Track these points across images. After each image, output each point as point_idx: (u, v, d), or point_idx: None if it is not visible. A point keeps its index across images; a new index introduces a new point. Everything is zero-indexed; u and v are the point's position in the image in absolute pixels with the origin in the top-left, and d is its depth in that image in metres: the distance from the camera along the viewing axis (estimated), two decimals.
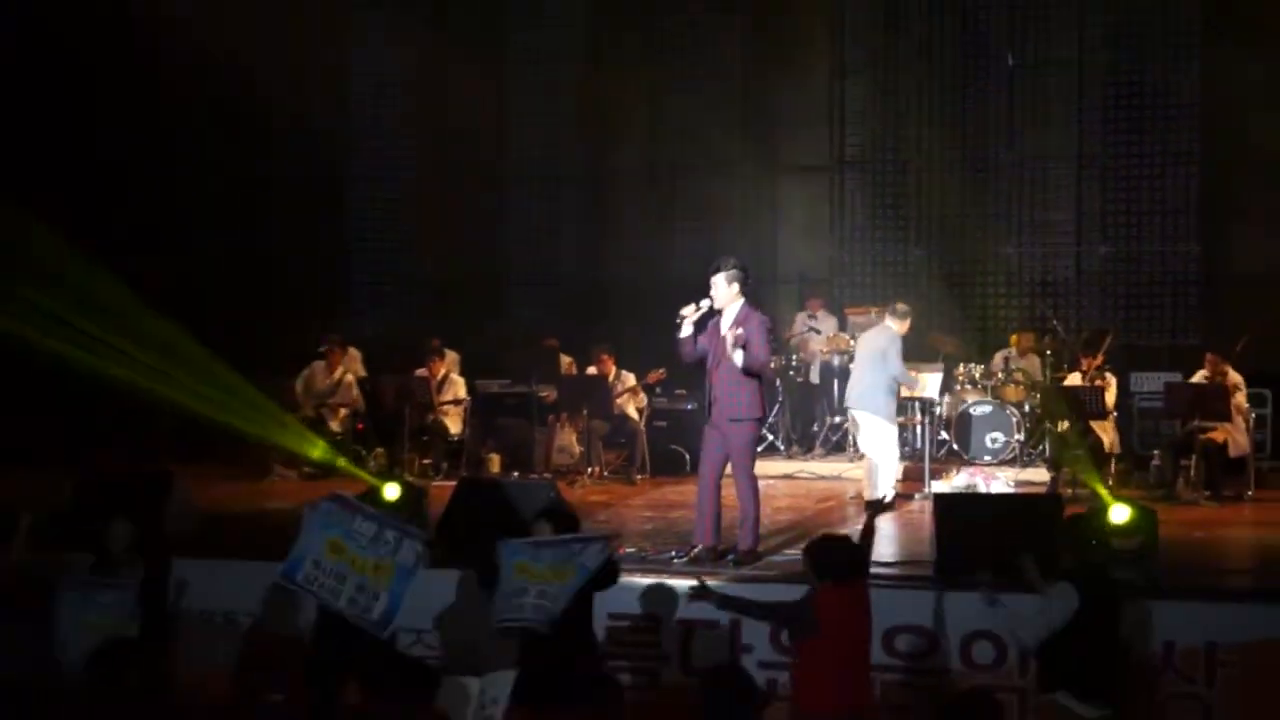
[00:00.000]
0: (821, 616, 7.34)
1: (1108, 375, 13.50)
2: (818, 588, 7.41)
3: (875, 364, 12.44)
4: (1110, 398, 13.38)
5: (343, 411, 14.81)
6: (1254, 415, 13.41)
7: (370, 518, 8.42)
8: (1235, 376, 13.16)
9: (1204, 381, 13.13)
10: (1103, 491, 10.86)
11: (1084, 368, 13.53)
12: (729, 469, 10.43)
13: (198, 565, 10.10)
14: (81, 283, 11.87)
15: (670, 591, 9.63)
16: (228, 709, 7.56)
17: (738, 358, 10.11)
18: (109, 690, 7.31)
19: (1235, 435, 13.04)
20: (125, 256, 15.13)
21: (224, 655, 9.60)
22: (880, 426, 12.50)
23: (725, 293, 10.32)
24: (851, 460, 13.93)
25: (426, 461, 14.42)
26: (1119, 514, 9.31)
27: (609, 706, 7.88)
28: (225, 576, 10.14)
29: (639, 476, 14.09)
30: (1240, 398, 13.16)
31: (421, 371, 14.80)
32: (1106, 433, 13.21)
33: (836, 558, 7.88)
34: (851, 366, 13.98)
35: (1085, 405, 13.17)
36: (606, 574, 8.52)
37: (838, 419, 14.60)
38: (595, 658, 8.41)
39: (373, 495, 10.82)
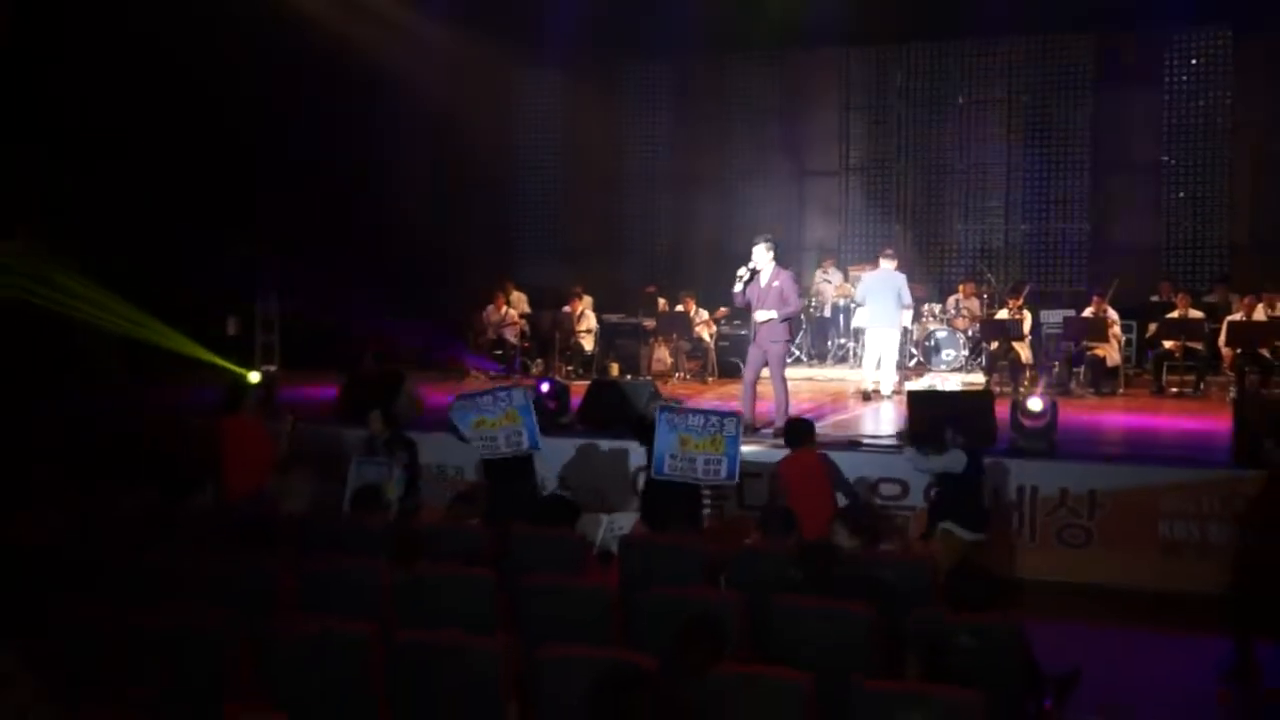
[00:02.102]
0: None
1: (1025, 311, 13.50)
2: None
3: (889, 294, 12.56)
4: (1026, 326, 13.36)
5: (511, 335, 15.07)
6: (1124, 338, 13.48)
7: (702, 413, 8.56)
8: (1112, 312, 13.20)
9: (1090, 315, 13.14)
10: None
11: (1009, 306, 13.58)
12: (765, 374, 10.68)
13: (423, 437, 10.40)
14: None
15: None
16: (441, 531, 7.51)
17: (773, 314, 10.40)
18: (365, 516, 7.65)
19: (1111, 352, 13.09)
20: (380, 243, 15.58)
21: (438, 496, 9.66)
22: (893, 337, 12.73)
23: (763, 257, 10.53)
24: (851, 368, 14.15)
25: (569, 368, 14.65)
26: (1033, 403, 9.49)
27: (698, 530, 8.08)
28: (438, 444, 10.31)
29: (709, 378, 14.31)
30: (1115, 327, 13.22)
31: (566, 308, 15.00)
32: (1024, 350, 13.27)
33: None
34: (853, 304, 14.23)
35: (1009, 331, 13.24)
36: None
37: (843, 340, 14.80)
38: (698, 496, 8.63)
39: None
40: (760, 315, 10.47)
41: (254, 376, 12.16)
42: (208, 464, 9.26)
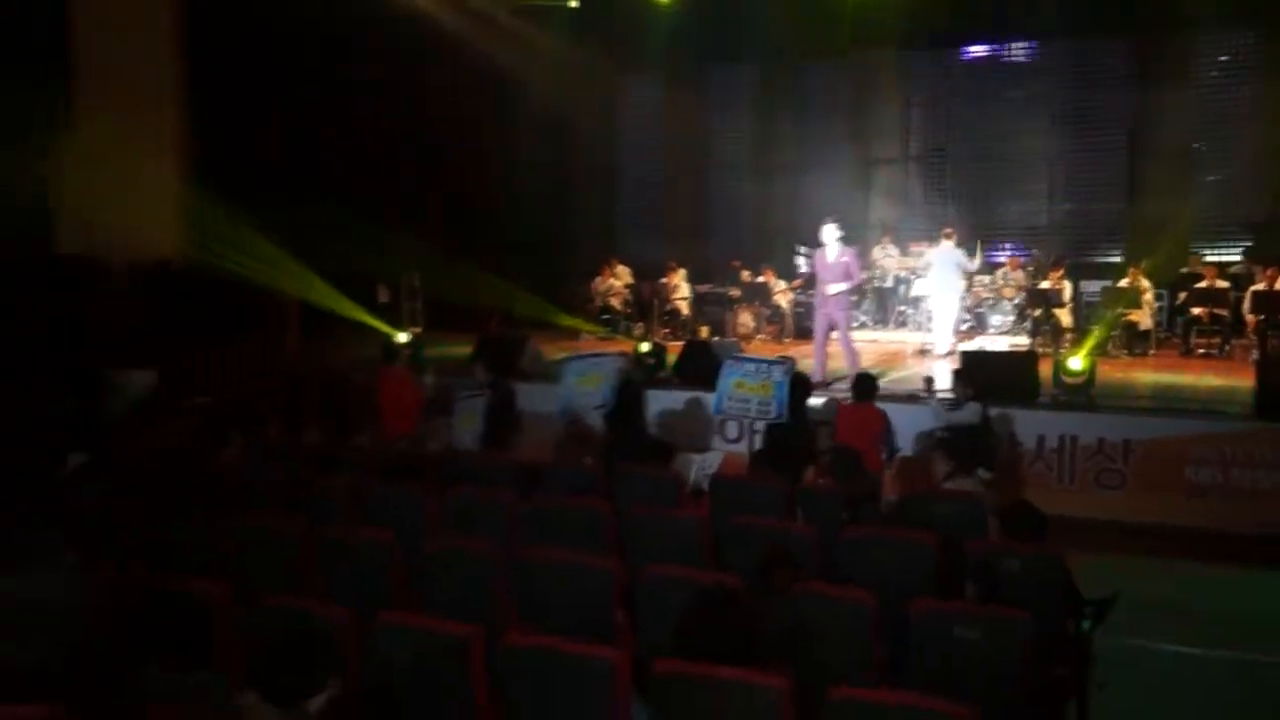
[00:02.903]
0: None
1: (1065, 282, 13.29)
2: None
3: (949, 266, 12.53)
4: (1066, 295, 13.17)
5: (616, 302, 15.16)
6: (1156, 305, 13.14)
7: (755, 361, 8.62)
8: (1145, 282, 12.90)
9: (1125, 285, 12.89)
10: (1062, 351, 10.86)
11: (1051, 277, 13.35)
12: (834, 335, 10.64)
13: (542, 387, 10.51)
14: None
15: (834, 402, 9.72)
16: (559, 468, 7.60)
17: (843, 286, 10.37)
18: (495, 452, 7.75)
19: (1144, 317, 12.81)
20: (505, 225, 15.73)
21: (551, 439, 9.75)
22: (955, 305, 12.61)
23: (831, 236, 10.49)
24: (911, 332, 14.00)
25: (666, 331, 14.70)
26: (1075, 363, 9.32)
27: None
28: (554, 394, 10.25)
29: (786, 339, 14.26)
30: (1148, 295, 12.91)
31: (663, 279, 15.07)
32: (1065, 315, 13.04)
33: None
34: (913, 275, 14.13)
35: (1051, 300, 13.01)
36: (802, 385, 8.69)
37: (902, 308, 14.60)
38: (811, 434, 8.57)
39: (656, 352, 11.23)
40: (831, 288, 10.44)
41: (403, 337, 12.38)
42: (367, 410, 9.49)
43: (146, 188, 13.22)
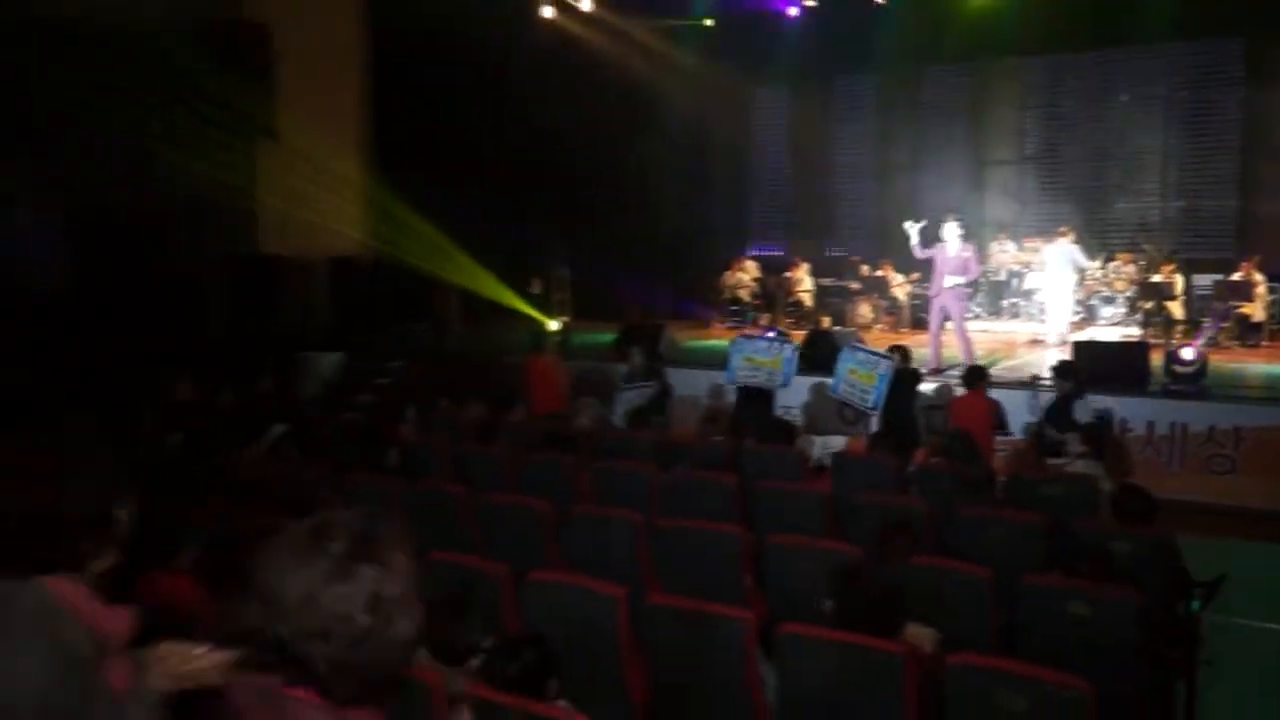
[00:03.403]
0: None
1: (1176, 275, 12.64)
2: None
3: (1066, 262, 12.09)
4: (1178, 289, 12.53)
5: (745, 295, 15.05)
6: (1269, 299, 12.37)
7: (866, 352, 8.56)
8: (1257, 275, 12.17)
9: (1238, 278, 12.20)
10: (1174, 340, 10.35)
11: (1163, 271, 12.70)
12: (948, 325, 10.39)
13: (678, 371, 10.54)
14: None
15: (949, 389, 9.53)
16: (693, 445, 7.60)
17: (961, 280, 10.12)
18: (637, 431, 7.81)
19: (1256, 310, 12.08)
20: (644, 225, 15.77)
21: (689, 417, 9.79)
22: (1068, 297, 12.17)
23: (952, 233, 10.23)
24: (1022, 322, 13.52)
25: (790, 321, 14.53)
26: (1186, 353, 8.87)
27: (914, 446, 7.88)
28: (690, 378, 10.31)
29: (902, 329, 13.93)
30: (1261, 288, 12.17)
31: (788, 273, 14.90)
32: (1176, 308, 12.39)
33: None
34: (1026, 269, 13.68)
35: (1163, 292, 12.39)
36: (910, 377, 8.54)
37: (1014, 300, 14.10)
38: (913, 425, 8.42)
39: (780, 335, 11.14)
40: (948, 281, 10.22)
41: (553, 325, 12.57)
42: (520, 389, 9.68)
43: (335, 193, 13.77)
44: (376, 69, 14.84)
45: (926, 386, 9.27)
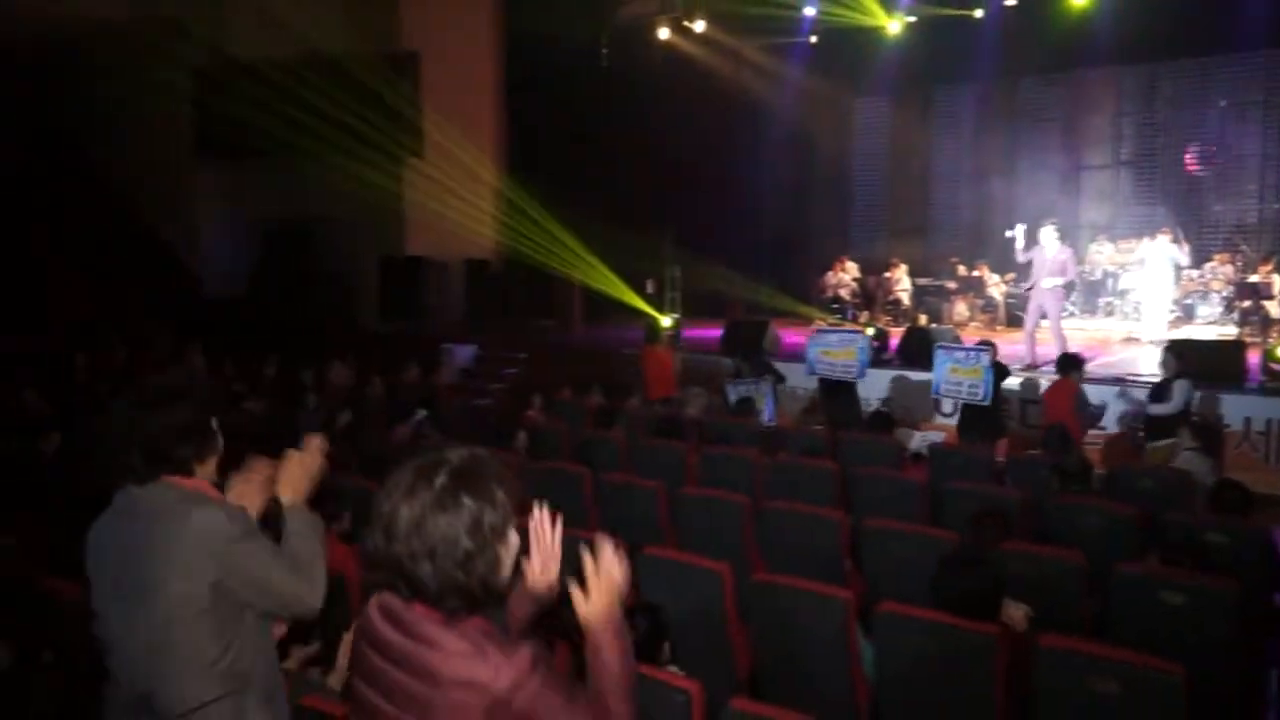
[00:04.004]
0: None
1: (1275, 275, 11.84)
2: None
3: (1164, 262, 11.47)
4: (1276, 288, 11.73)
5: (845, 294, 14.78)
6: None
7: (965, 349, 8.30)
8: None
9: None
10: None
11: (1260, 271, 11.94)
12: (1044, 324, 10.04)
13: (778, 365, 10.41)
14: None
15: (1036, 382, 9.24)
16: (792, 432, 7.51)
17: (1058, 281, 9.78)
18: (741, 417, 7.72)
19: None
20: (750, 228, 15.67)
21: (790, 406, 9.72)
22: (1165, 296, 11.60)
23: (1050, 236, 9.88)
24: (1118, 321, 12.89)
25: (889, 318, 14.19)
26: None
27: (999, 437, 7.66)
28: (791, 371, 10.23)
29: (998, 327, 13.45)
30: None
31: (887, 274, 14.56)
32: (1273, 307, 11.61)
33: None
34: (1122, 270, 13.09)
35: (1260, 292, 11.64)
36: (1003, 372, 8.28)
37: (1110, 299, 13.46)
38: (1000, 415, 8.16)
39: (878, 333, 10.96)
40: (1046, 282, 9.88)
41: (666, 321, 12.59)
42: (636, 379, 9.73)
43: (471, 200, 14.12)
44: (510, 87, 15.13)
45: (1014, 381, 8.94)
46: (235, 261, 15.50)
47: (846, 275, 14.81)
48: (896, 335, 11.29)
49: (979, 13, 13.48)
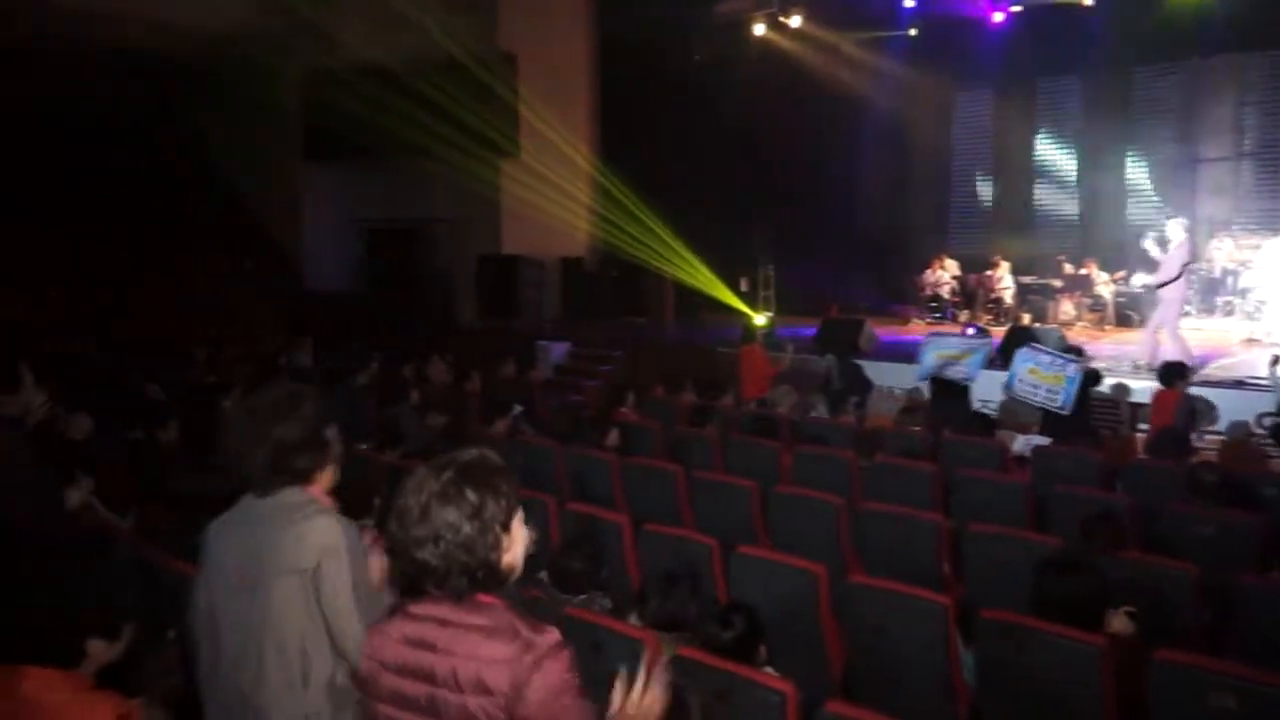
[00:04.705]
0: None
1: None
2: None
3: None
4: None
5: (945, 292, 14.42)
6: None
7: (1049, 353, 8.09)
8: None
9: None
10: None
11: None
12: (1162, 324, 9.61)
13: (875, 365, 10.24)
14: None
15: (1126, 386, 8.94)
16: (890, 432, 7.34)
17: (1176, 278, 9.41)
18: (836, 418, 7.59)
19: None
20: (845, 226, 15.44)
21: (887, 408, 9.53)
22: None
23: (1176, 231, 9.50)
24: (1237, 320, 12.21)
25: (990, 318, 13.78)
26: None
27: (1093, 443, 7.38)
28: (889, 370, 10.12)
29: (1106, 327, 12.94)
30: None
31: (988, 271, 14.16)
32: None
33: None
34: (1243, 267, 12.43)
35: None
36: (1093, 378, 7.99)
37: (1229, 298, 12.77)
38: (1086, 421, 7.89)
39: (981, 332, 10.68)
40: (1164, 279, 9.48)
41: (760, 319, 12.51)
42: (730, 377, 9.69)
43: (566, 199, 14.29)
44: (604, 85, 15.25)
45: (1133, 385, 8.60)
46: (339, 259, 16.05)
47: (946, 273, 14.46)
48: (998, 335, 10.96)
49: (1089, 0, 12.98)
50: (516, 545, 1.80)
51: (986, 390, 9.35)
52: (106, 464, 4.74)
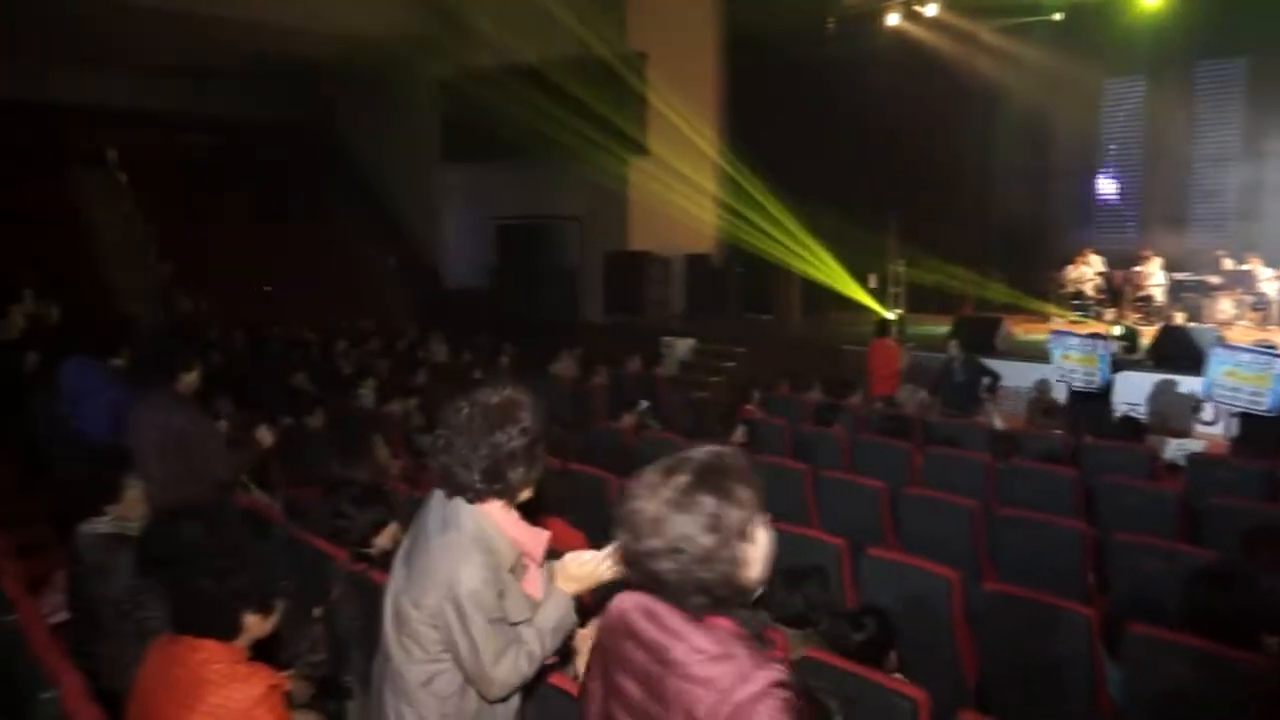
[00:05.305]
0: None
1: None
2: None
3: None
4: None
5: (1088, 289, 13.70)
6: None
7: (1248, 350, 7.63)
8: None
9: None
10: None
11: None
12: None
13: (1010, 364, 9.85)
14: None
15: None
16: (1027, 435, 7.03)
17: None
18: (968, 418, 7.32)
19: None
20: (980, 219, 14.90)
21: (1016, 406, 9.14)
22: None
23: None
24: None
25: (1138, 316, 13.01)
26: None
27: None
28: (1024, 370, 9.68)
29: (1269, 326, 11.96)
30: None
31: (1137, 267, 13.37)
32: None
33: None
34: None
35: None
36: None
37: None
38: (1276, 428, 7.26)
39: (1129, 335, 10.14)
40: None
41: (890, 316, 12.22)
42: (859, 375, 9.50)
43: (692, 196, 14.29)
44: (732, 79, 15.18)
45: None
46: (471, 256, 16.55)
47: (1090, 269, 13.71)
48: (1149, 335, 10.36)
49: None
50: (759, 558, 1.62)
51: (1131, 392, 8.87)
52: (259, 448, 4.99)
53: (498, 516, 2.20)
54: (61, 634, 3.00)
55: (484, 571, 2.13)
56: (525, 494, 2.23)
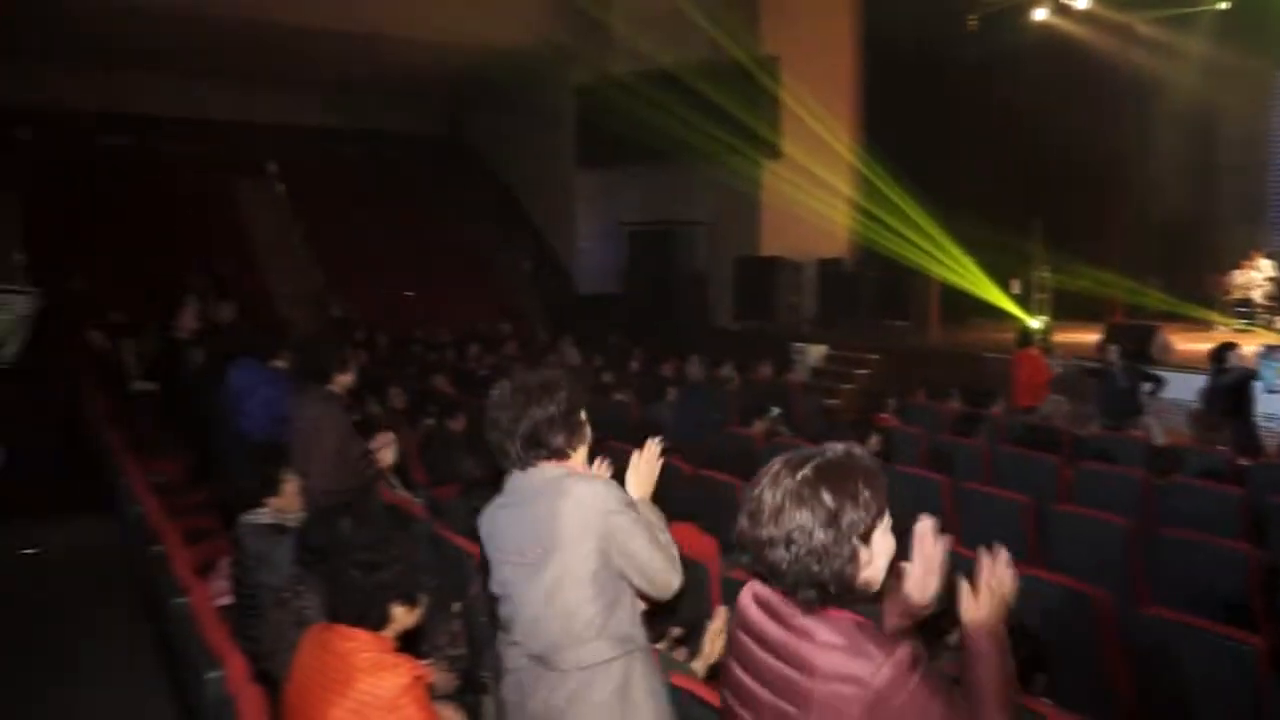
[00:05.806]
0: None
1: None
2: None
3: None
4: None
5: (1257, 295, 12.72)
6: None
7: None
8: None
9: None
10: None
11: None
12: None
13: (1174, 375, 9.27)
14: None
15: None
16: (1189, 451, 6.60)
17: None
18: (1121, 432, 6.90)
19: None
20: (1137, 220, 14.11)
21: (1173, 420, 8.54)
22: None
23: None
24: None
25: None
26: None
27: None
28: (1185, 383, 9.12)
29: None
30: None
31: None
32: None
33: None
34: None
35: None
36: None
37: None
38: None
39: None
40: None
41: (1035, 324, 11.72)
42: (1001, 384, 9.15)
43: (826, 200, 14.06)
44: (868, 79, 14.88)
45: None
46: (603, 261, 16.77)
47: (1259, 274, 12.75)
48: None
49: None
50: (878, 559, 1.64)
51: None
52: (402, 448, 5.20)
53: (576, 466, 2.38)
54: (226, 617, 3.19)
55: (604, 487, 2.30)
56: (579, 458, 2.40)
